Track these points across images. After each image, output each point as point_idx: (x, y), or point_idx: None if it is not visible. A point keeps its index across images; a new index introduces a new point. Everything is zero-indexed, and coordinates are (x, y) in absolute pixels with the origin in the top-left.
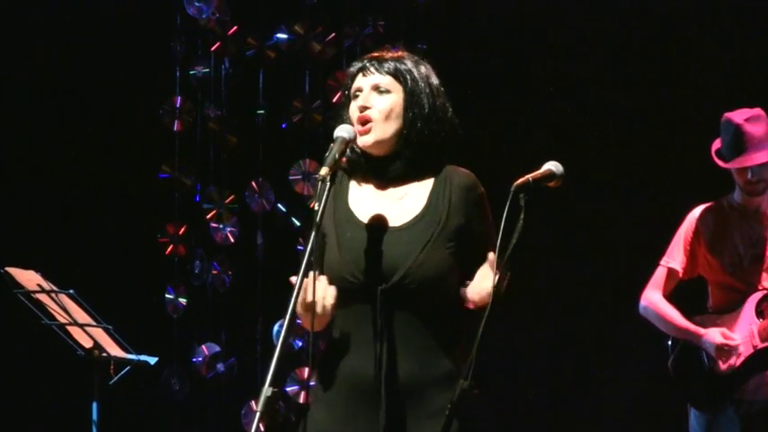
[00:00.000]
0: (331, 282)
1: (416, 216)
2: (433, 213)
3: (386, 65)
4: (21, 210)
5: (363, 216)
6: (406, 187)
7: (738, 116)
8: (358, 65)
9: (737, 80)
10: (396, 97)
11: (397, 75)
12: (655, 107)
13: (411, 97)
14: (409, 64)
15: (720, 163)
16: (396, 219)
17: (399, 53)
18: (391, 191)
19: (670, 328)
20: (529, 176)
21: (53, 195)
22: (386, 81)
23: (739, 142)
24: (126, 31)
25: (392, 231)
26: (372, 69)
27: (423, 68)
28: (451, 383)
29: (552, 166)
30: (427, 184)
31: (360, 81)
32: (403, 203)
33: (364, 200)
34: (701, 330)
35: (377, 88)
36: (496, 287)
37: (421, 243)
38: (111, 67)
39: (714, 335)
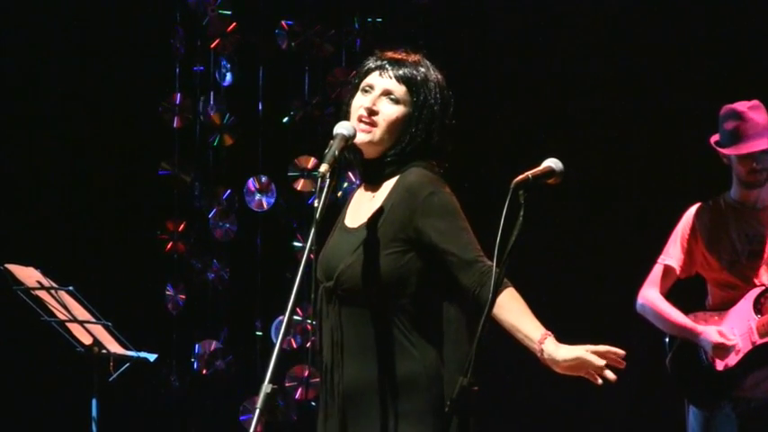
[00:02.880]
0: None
1: (369, 217)
2: (380, 215)
3: (404, 71)
4: (20, 207)
5: (347, 219)
6: (379, 189)
7: (741, 105)
8: (377, 62)
9: (737, 80)
10: (404, 110)
11: (411, 86)
12: (654, 107)
13: (419, 114)
14: (426, 74)
15: (724, 150)
16: (357, 220)
17: (418, 58)
18: (371, 192)
19: (668, 326)
20: (528, 173)
21: (52, 192)
22: (399, 90)
23: (742, 130)
24: (125, 27)
25: (347, 232)
26: (390, 73)
27: (438, 80)
28: (403, 388)
29: (552, 162)
30: (392, 184)
31: (374, 79)
32: (370, 205)
33: (355, 202)
34: (699, 328)
35: (388, 94)
36: (494, 288)
37: (357, 245)
38: (111, 65)
39: (711, 333)
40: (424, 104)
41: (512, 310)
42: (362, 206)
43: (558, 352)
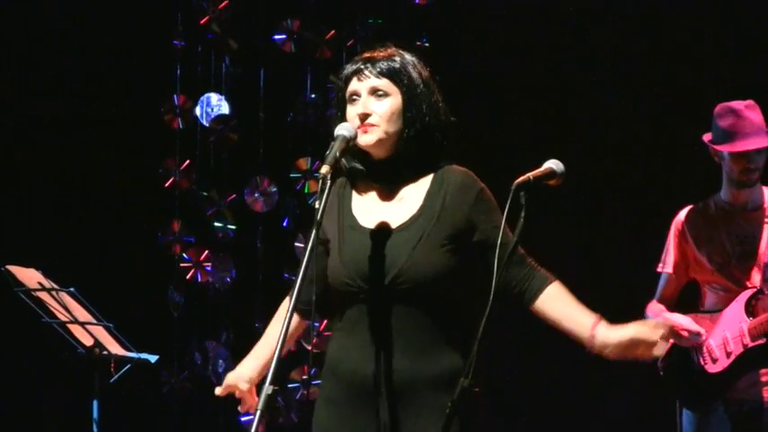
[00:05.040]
0: (333, 285)
1: (411, 217)
2: (428, 214)
3: (380, 66)
4: (21, 208)
5: (364, 220)
6: (404, 189)
7: (737, 103)
8: (351, 67)
9: (737, 80)
10: (395, 100)
11: (393, 76)
12: (655, 107)
13: (410, 98)
14: (402, 61)
15: (719, 147)
16: (393, 221)
17: (390, 50)
18: (390, 193)
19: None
20: (530, 174)
21: (54, 193)
22: (383, 84)
23: (738, 128)
24: (126, 28)
25: (388, 233)
26: (367, 72)
27: (415, 63)
28: (451, 383)
29: (553, 164)
30: (424, 185)
31: (356, 85)
32: (401, 205)
33: (366, 203)
34: (665, 314)
35: (375, 92)
36: (495, 288)
37: (413, 244)
38: (111, 65)
39: (669, 316)
40: (410, 87)
41: (560, 301)
42: (384, 207)
43: (611, 334)
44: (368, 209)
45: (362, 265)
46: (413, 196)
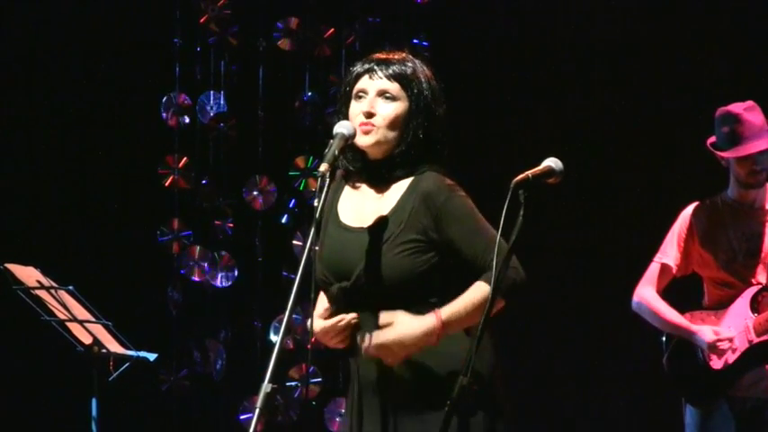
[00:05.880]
0: (317, 280)
1: (382, 219)
2: (399, 215)
3: (393, 69)
4: (20, 206)
5: (346, 217)
6: (389, 190)
7: (736, 107)
8: (364, 65)
9: (737, 80)
10: (401, 105)
11: (403, 82)
12: (654, 107)
13: (416, 107)
14: (414, 68)
15: (723, 153)
16: (367, 219)
17: (403, 54)
18: (377, 192)
19: (663, 325)
20: (528, 173)
21: (52, 192)
22: (393, 88)
23: (740, 132)
24: (125, 27)
25: (359, 232)
26: (380, 73)
27: (426, 73)
28: (420, 378)
29: (552, 162)
30: (404, 186)
31: (365, 83)
32: (380, 205)
33: (353, 200)
34: (694, 327)
35: (383, 93)
36: (494, 286)
37: (377, 246)
38: (110, 64)
39: (706, 332)
40: (418, 96)
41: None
42: (366, 206)
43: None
44: (353, 206)
45: (334, 262)
46: (390, 197)
